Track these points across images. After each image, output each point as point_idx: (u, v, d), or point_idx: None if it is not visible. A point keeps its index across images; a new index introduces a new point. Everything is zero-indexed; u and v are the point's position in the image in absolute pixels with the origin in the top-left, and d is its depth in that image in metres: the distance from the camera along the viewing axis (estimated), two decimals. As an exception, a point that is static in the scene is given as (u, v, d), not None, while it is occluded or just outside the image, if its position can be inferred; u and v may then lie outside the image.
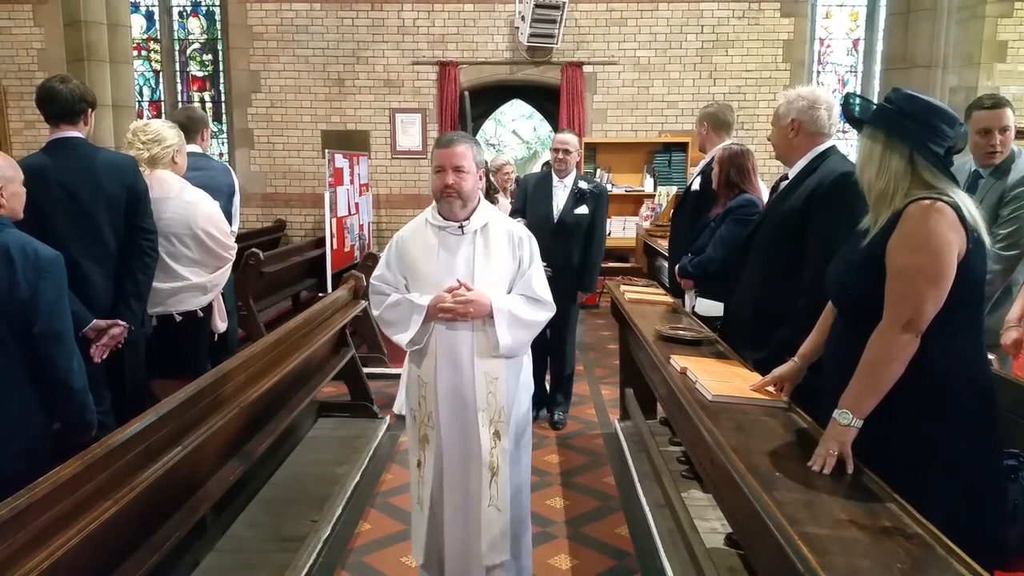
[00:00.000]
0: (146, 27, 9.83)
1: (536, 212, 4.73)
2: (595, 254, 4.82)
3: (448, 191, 2.55)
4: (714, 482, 2.25)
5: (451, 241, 2.63)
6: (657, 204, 8.57)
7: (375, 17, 9.38)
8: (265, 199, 9.69)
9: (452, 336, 2.59)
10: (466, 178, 2.57)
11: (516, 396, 2.69)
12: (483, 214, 2.65)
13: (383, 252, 2.82)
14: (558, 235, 4.66)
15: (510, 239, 2.65)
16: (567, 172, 4.76)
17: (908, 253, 1.89)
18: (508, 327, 2.54)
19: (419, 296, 2.60)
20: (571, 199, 4.71)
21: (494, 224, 2.66)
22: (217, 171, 4.05)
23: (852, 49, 9.87)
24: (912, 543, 1.54)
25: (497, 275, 2.61)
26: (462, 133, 2.72)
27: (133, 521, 2.23)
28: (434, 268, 2.61)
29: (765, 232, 2.94)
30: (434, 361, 2.62)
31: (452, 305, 2.50)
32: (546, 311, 2.67)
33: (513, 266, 2.65)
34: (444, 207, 2.60)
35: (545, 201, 4.75)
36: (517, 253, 2.65)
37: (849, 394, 1.94)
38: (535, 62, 9.38)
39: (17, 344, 2.31)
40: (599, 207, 4.78)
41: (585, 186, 4.75)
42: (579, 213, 4.70)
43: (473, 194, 2.60)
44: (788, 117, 2.82)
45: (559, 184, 4.76)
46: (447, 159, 2.54)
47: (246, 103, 9.55)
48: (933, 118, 1.95)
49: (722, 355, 3.03)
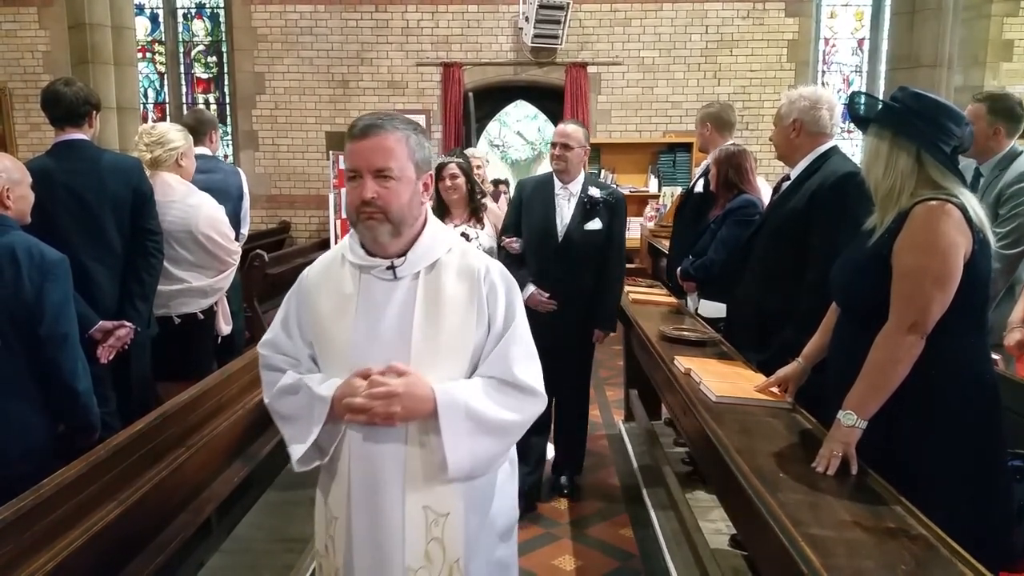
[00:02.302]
0: (151, 29, 9.85)
1: (534, 227, 3.71)
2: (613, 280, 3.75)
3: (366, 211, 1.64)
4: (718, 483, 2.25)
5: (378, 290, 1.72)
6: (661, 205, 8.54)
7: (379, 18, 9.38)
8: (270, 201, 9.70)
9: (371, 451, 1.69)
10: (396, 188, 1.64)
11: (482, 537, 1.78)
12: (431, 244, 1.74)
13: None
14: (564, 258, 3.65)
15: (474, 284, 1.72)
16: (571, 175, 3.69)
17: (915, 254, 1.88)
18: (464, 435, 1.64)
19: (323, 380, 1.73)
20: (579, 210, 3.65)
21: (449, 261, 1.74)
22: (226, 173, 4.06)
23: (857, 49, 9.84)
24: (916, 544, 1.54)
25: (450, 344, 1.70)
26: (390, 115, 1.70)
27: (138, 522, 2.24)
28: (347, 333, 1.70)
29: (767, 233, 2.94)
30: (346, 488, 1.72)
31: (364, 402, 1.59)
32: (530, 403, 1.74)
33: (478, 329, 1.72)
34: (364, 235, 1.69)
35: (545, 213, 3.68)
36: (485, 307, 1.73)
37: (854, 395, 1.93)
38: (539, 63, 9.37)
39: (22, 346, 2.31)
40: (615, 220, 3.70)
41: (597, 194, 3.66)
42: (590, 229, 3.64)
43: (410, 213, 1.69)
44: (790, 117, 2.82)
45: (563, 191, 3.70)
46: (362, 157, 1.63)
47: (251, 105, 9.56)
48: (941, 116, 1.94)
49: (726, 356, 3.02)
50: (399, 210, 1.66)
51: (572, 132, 3.67)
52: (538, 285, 3.67)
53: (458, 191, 3.79)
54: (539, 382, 1.76)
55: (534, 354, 1.78)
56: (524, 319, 1.79)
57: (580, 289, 3.67)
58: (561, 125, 3.79)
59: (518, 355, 1.73)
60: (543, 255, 3.67)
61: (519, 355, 1.73)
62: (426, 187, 1.74)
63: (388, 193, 1.63)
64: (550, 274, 3.65)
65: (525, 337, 1.78)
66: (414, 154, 1.68)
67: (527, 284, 3.63)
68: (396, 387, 1.59)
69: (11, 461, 2.27)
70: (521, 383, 1.72)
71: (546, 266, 3.66)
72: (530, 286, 3.65)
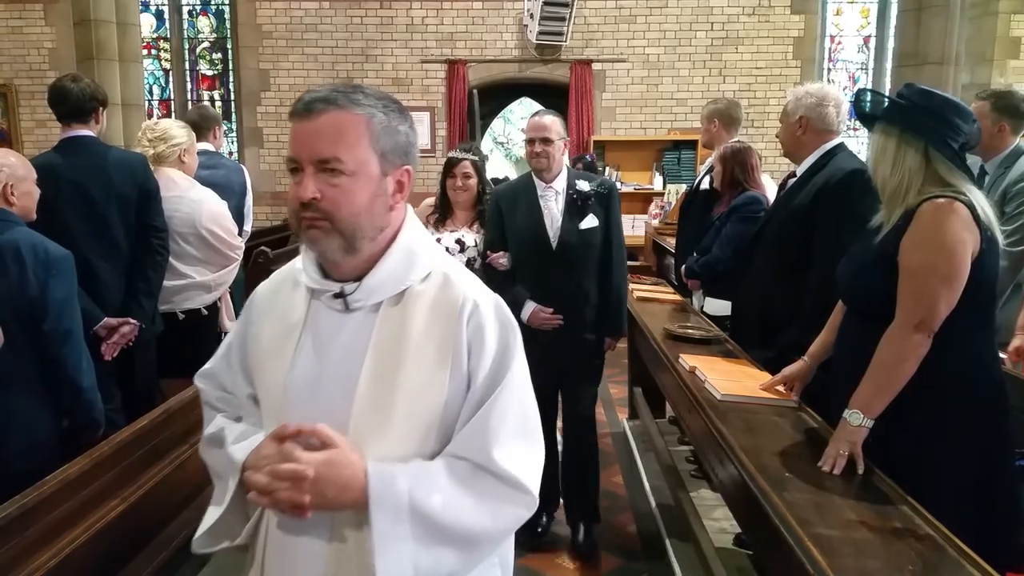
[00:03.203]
0: (156, 26, 9.85)
1: (521, 236, 3.21)
2: (618, 279, 3.32)
3: (306, 216, 1.22)
4: (723, 482, 2.24)
5: (326, 322, 1.30)
6: (666, 202, 8.54)
7: (384, 15, 9.37)
8: (274, 197, 9.70)
9: (287, 545, 1.28)
10: (348, 187, 1.21)
11: None
12: (400, 267, 1.28)
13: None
14: (560, 263, 3.19)
15: (452, 323, 1.25)
16: (552, 171, 3.21)
17: (922, 252, 1.87)
18: (405, 541, 1.18)
19: (246, 433, 1.36)
20: (569, 208, 3.20)
21: (424, 290, 1.28)
22: (229, 170, 4.07)
23: (863, 46, 9.79)
24: (923, 544, 1.53)
25: (408, 406, 1.23)
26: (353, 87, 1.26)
27: (141, 519, 2.24)
28: (281, 374, 1.30)
29: (772, 230, 2.93)
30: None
31: (266, 482, 1.17)
32: (511, 504, 1.26)
33: (451, 386, 1.25)
34: (310, 248, 1.28)
35: (532, 219, 3.20)
36: (464, 356, 1.26)
37: (860, 394, 1.92)
38: (544, 60, 9.35)
39: (27, 342, 2.32)
40: (611, 212, 3.28)
41: (586, 187, 3.21)
42: (586, 228, 3.19)
43: (369, 222, 1.24)
44: (796, 114, 2.81)
45: (547, 190, 3.22)
46: (302, 144, 1.22)
47: (255, 102, 9.57)
48: (949, 113, 1.93)
49: (731, 354, 3.01)
50: (351, 218, 1.21)
51: (550, 124, 3.18)
52: (537, 300, 3.19)
53: (468, 191, 3.42)
54: (530, 474, 1.26)
55: (532, 432, 1.29)
56: (523, 379, 1.30)
57: (585, 296, 3.24)
58: (535, 117, 3.25)
59: (505, 430, 1.23)
60: (538, 266, 3.20)
61: (506, 431, 1.24)
62: (400, 187, 1.29)
63: (336, 193, 1.20)
64: (549, 286, 3.19)
65: (521, 405, 1.28)
66: (379, 141, 1.23)
67: (525, 301, 3.18)
68: (306, 467, 1.15)
69: (15, 457, 2.28)
70: (501, 472, 1.22)
71: (543, 278, 3.19)
72: (529, 303, 3.19)
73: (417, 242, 1.33)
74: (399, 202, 1.31)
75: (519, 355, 1.31)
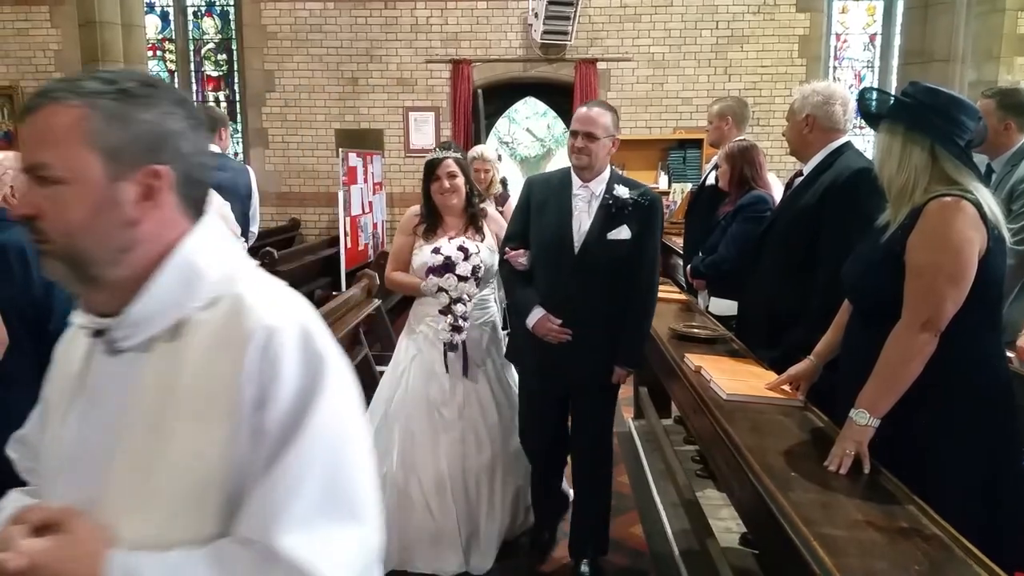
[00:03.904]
0: (161, 27, 9.88)
1: (545, 236, 2.94)
2: (642, 303, 2.96)
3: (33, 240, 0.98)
4: (729, 482, 2.23)
5: (98, 368, 1.04)
6: (672, 201, 8.52)
7: (388, 16, 9.38)
8: (279, 198, 9.72)
9: None
10: (61, 197, 0.94)
11: None
12: (170, 294, 0.99)
13: None
14: (579, 271, 2.88)
15: (238, 361, 0.94)
16: (593, 171, 2.90)
17: (928, 251, 1.86)
18: None
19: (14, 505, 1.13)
20: (602, 215, 2.87)
21: (207, 320, 0.99)
22: (235, 172, 4.05)
23: (869, 44, 9.76)
24: (930, 545, 1.52)
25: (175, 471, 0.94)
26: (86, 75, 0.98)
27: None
28: (52, 437, 1.10)
29: (779, 229, 2.92)
30: None
31: None
32: None
33: (233, 441, 0.94)
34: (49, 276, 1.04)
35: (560, 218, 2.92)
36: (246, 401, 0.93)
37: (866, 393, 1.91)
38: (548, 59, 9.35)
39: (31, 342, 2.32)
40: (649, 227, 2.90)
41: (625, 194, 2.87)
42: (615, 239, 2.85)
43: (102, 242, 0.96)
44: (803, 112, 2.80)
45: (583, 191, 2.92)
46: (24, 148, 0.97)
47: (260, 103, 9.59)
48: (954, 110, 1.92)
49: (737, 354, 3.00)
50: (65, 238, 0.95)
51: (598, 117, 2.85)
52: (548, 308, 2.92)
53: (458, 194, 3.19)
54: (336, 566, 0.92)
55: (348, 502, 0.96)
56: (337, 428, 0.97)
57: (600, 314, 2.90)
58: (584, 108, 2.92)
59: (299, 502, 0.92)
60: (555, 271, 2.91)
61: (302, 502, 0.92)
62: (148, 194, 0.98)
63: (48, 208, 0.95)
64: (563, 295, 2.90)
65: (331, 465, 0.95)
66: (102, 136, 0.95)
67: (534, 307, 2.93)
68: (19, 558, 0.88)
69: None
70: (290, 562, 0.90)
71: (558, 284, 2.90)
72: (538, 309, 2.92)
73: (202, 259, 1.01)
74: (149, 213, 0.98)
75: (330, 397, 0.96)
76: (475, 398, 3.26)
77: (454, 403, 3.21)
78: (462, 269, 3.08)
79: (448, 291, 3.09)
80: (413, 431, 3.19)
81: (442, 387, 3.21)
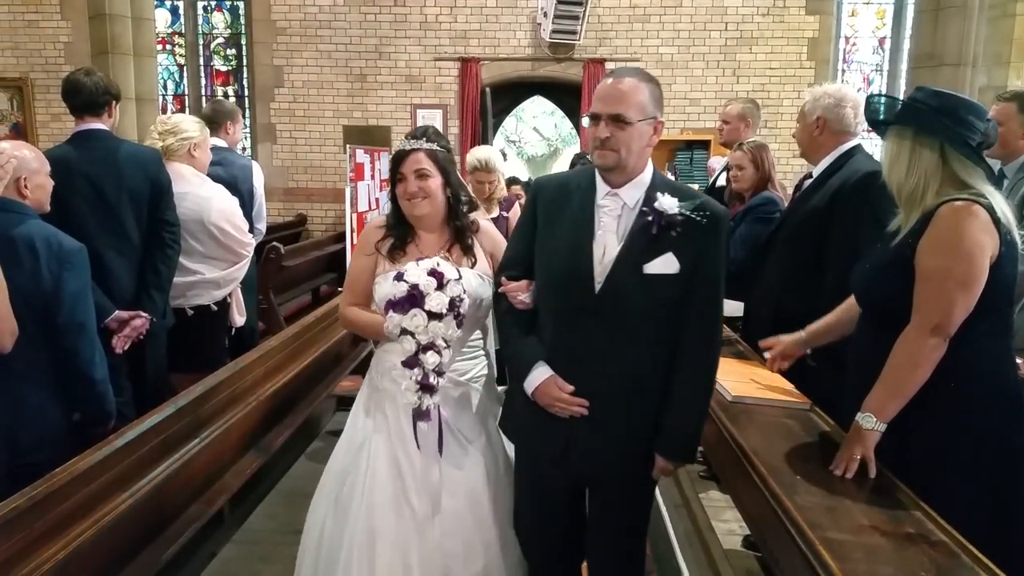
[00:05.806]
0: (171, 21, 9.90)
1: (552, 260, 2.02)
2: (701, 369, 2.00)
3: None
4: (733, 484, 2.22)
5: None
6: (678, 202, 8.51)
7: (398, 13, 9.38)
8: (287, 194, 9.74)
9: None
10: None
11: None
12: None
13: None
14: (601, 318, 1.95)
15: None
16: (626, 171, 1.99)
17: (939, 256, 1.84)
18: None
19: None
20: (637, 233, 1.95)
21: None
22: (237, 167, 3.99)
23: (878, 47, 9.73)
24: (936, 550, 1.51)
25: None
26: None
27: (150, 513, 2.25)
28: None
29: (787, 231, 2.91)
30: None
31: None
32: None
33: None
34: None
35: (576, 238, 1.98)
36: None
37: (873, 397, 1.90)
38: (557, 58, 9.34)
39: (40, 335, 2.32)
40: (708, 257, 1.95)
41: (673, 207, 1.92)
42: (656, 273, 1.92)
43: None
44: (814, 114, 2.79)
45: (610, 200, 2.00)
46: None
47: (269, 98, 9.60)
48: (963, 111, 1.91)
49: (743, 355, 2.99)
50: None
51: (630, 92, 1.92)
52: (556, 368, 2.01)
53: (431, 201, 2.24)
54: None
55: None
56: None
57: (631, 379, 1.98)
58: (609, 80, 1.98)
59: None
60: (566, 314, 2.00)
61: None
62: None
63: None
64: (578, 348, 1.98)
65: None
66: None
67: (536, 364, 2.02)
68: None
69: (26, 449, 2.28)
70: None
71: (569, 332, 2.00)
72: (541, 368, 2.02)
73: None
74: None
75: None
76: (462, 487, 2.24)
77: (425, 491, 2.21)
78: (434, 303, 2.04)
79: (414, 334, 2.06)
80: (375, 530, 2.18)
81: (412, 467, 2.22)
